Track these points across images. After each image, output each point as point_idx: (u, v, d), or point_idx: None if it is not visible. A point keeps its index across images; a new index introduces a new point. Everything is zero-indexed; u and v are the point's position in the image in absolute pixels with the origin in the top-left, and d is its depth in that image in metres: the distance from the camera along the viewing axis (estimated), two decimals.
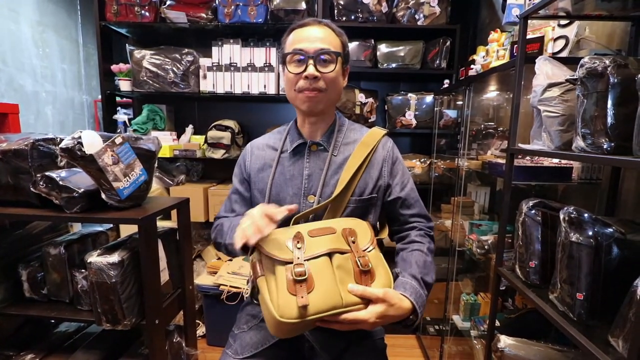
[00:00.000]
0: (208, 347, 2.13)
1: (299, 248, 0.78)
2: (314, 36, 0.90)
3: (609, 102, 0.78)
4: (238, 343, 0.97)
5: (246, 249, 0.80)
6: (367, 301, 0.77)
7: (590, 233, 0.82)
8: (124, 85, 2.22)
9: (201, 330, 2.19)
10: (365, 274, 0.80)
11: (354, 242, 0.83)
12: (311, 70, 0.88)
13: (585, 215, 0.85)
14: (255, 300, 0.86)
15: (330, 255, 0.79)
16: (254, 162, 1.03)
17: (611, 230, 0.82)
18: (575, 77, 0.86)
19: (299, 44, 0.90)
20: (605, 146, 0.79)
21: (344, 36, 0.96)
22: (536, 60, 1.06)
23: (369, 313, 0.76)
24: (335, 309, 0.74)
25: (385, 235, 1.02)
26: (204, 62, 2.17)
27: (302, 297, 0.71)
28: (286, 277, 0.74)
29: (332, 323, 0.76)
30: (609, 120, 0.78)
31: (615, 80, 0.77)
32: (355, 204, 0.94)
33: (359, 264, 0.80)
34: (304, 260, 0.76)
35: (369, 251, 0.84)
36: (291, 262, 0.75)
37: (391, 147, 1.02)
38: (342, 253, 0.80)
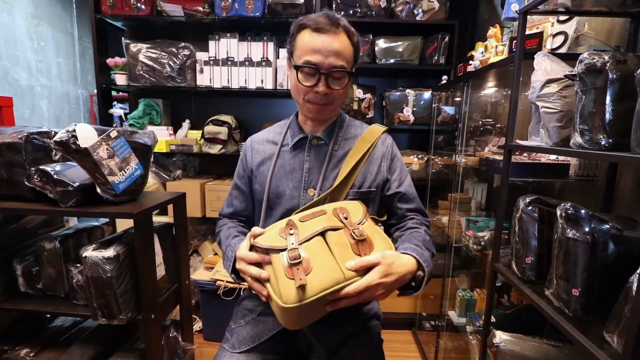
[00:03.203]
0: (205, 342, 2.13)
1: (291, 234, 0.78)
2: (328, 49, 0.86)
3: (608, 98, 0.77)
4: (235, 337, 0.97)
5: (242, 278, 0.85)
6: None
7: (587, 229, 0.82)
8: (120, 79, 2.20)
9: (198, 325, 2.19)
10: (362, 242, 0.78)
11: (346, 219, 0.83)
12: (322, 88, 0.88)
13: (582, 211, 0.85)
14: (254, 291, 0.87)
15: (323, 234, 0.79)
16: (255, 156, 1.03)
17: (607, 226, 0.82)
18: (574, 73, 0.86)
19: (313, 56, 0.86)
20: (603, 142, 0.79)
21: (356, 36, 0.92)
22: (535, 56, 1.06)
23: (372, 274, 0.73)
24: (338, 284, 0.72)
25: (384, 218, 1.02)
26: (201, 56, 2.15)
27: (299, 279, 0.70)
28: (282, 264, 0.74)
29: (341, 301, 0.73)
30: (607, 116, 0.77)
31: (614, 76, 0.76)
32: (353, 197, 0.94)
33: (354, 235, 0.79)
34: (298, 245, 0.76)
35: (362, 224, 0.84)
36: (285, 249, 0.75)
37: (390, 144, 1.03)
38: (335, 230, 0.80)
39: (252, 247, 0.81)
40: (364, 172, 0.96)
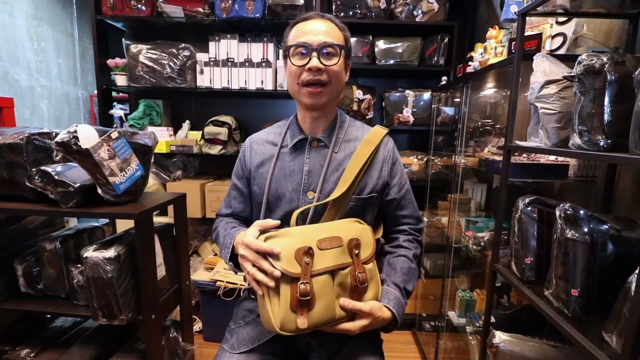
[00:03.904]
0: (205, 343, 2.14)
1: (307, 264, 0.78)
2: (317, 29, 0.90)
3: (606, 100, 0.78)
4: (235, 338, 0.97)
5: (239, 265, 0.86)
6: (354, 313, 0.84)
7: (586, 230, 0.82)
8: (120, 80, 2.20)
9: (198, 325, 2.19)
10: (360, 291, 0.85)
11: (357, 255, 0.85)
12: (315, 62, 0.88)
13: (581, 212, 0.86)
14: (253, 296, 0.87)
15: (333, 272, 0.82)
16: (254, 157, 1.03)
17: (606, 227, 0.82)
18: (572, 74, 0.86)
19: (303, 37, 0.90)
20: (601, 143, 0.79)
21: (346, 31, 0.96)
22: (534, 58, 1.06)
23: (355, 325, 0.83)
24: (328, 322, 0.81)
25: (380, 234, 1.03)
26: (201, 57, 2.15)
27: (302, 317, 0.77)
28: (291, 295, 0.77)
29: (323, 327, 0.82)
30: (606, 117, 0.78)
31: (612, 77, 0.77)
32: (355, 202, 0.94)
33: (357, 280, 0.83)
34: (310, 277, 0.78)
35: (367, 264, 0.87)
36: (298, 279, 0.77)
37: (392, 147, 1.02)
38: (344, 268, 0.83)
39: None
40: (365, 177, 0.96)
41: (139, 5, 2.08)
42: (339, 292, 0.83)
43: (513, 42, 1.22)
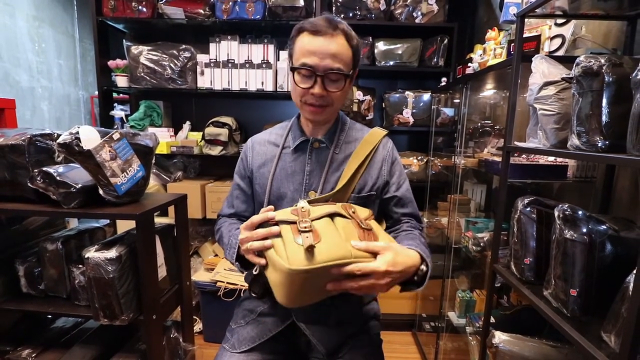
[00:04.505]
0: (205, 343, 2.14)
1: (303, 211, 0.77)
2: (325, 51, 0.85)
3: (604, 101, 0.78)
4: (235, 337, 0.97)
5: (246, 265, 0.87)
6: (374, 256, 0.75)
7: (584, 230, 0.83)
8: (121, 81, 2.21)
9: (198, 326, 2.19)
10: (368, 232, 0.79)
11: (354, 212, 0.84)
12: (317, 90, 0.88)
13: (580, 212, 0.86)
14: (254, 294, 0.87)
15: (332, 217, 0.79)
16: (256, 157, 1.03)
17: (605, 227, 0.83)
18: (571, 75, 0.87)
19: (309, 58, 0.86)
20: (599, 144, 0.80)
21: (357, 41, 0.91)
22: (533, 59, 1.07)
23: (379, 261, 0.72)
24: (346, 258, 0.71)
25: (383, 225, 1.02)
26: (202, 58, 2.16)
27: (309, 243, 0.69)
28: (292, 232, 0.73)
29: (344, 282, 0.72)
30: (604, 118, 0.78)
31: (610, 79, 0.77)
32: (354, 201, 0.95)
33: (361, 225, 0.79)
34: (310, 221, 0.75)
35: (368, 220, 0.85)
36: (295, 222, 0.75)
37: (391, 148, 1.03)
38: (343, 217, 0.80)
39: (260, 226, 0.79)
40: (364, 176, 0.96)
41: (140, 7, 2.09)
42: (347, 234, 0.76)
43: (512, 44, 1.23)
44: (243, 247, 0.80)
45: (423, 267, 0.80)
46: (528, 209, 1.06)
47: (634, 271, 0.68)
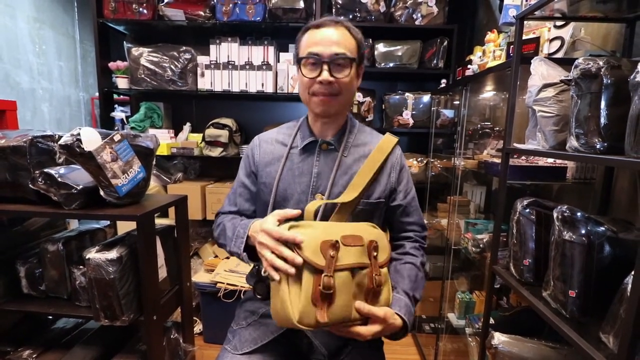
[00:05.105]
0: (205, 345, 2.14)
1: (332, 257, 0.77)
2: (329, 39, 0.89)
3: (602, 103, 0.79)
4: (237, 339, 0.97)
5: (253, 257, 0.87)
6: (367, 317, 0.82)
7: (583, 231, 0.83)
8: (122, 82, 2.21)
9: (198, 327, 2.20)
10: (375, 293, 0.83)
11: (375, 258, 0.84)
12: (325, 75, 0.88)
13: (578, 214, 0.87)
14: (259, 296, 0.87)
15: (353, 270, 0.80)
16: (262, 155, 1.02)
17: (603, 228, 0.83)
18: (569, 77, 0.87)
19: (314, 48, 0.89)
20: (598, 146, 0.80)
21: (360, 35, 0.94)
22: (532, 61, 1.08)
23: (368, 330, 0.81)
24: (343, 321, 0.79)
25: (388, 237, 1.03)
26: (202, 60, 2.17)
27: (321, 311, 0.75)
28: (313, 286, 0.75)
29: (332, 328, 0.80)
30: (602, 120, 0.79)
31: (609, 81, 0.78)
32: (363, 207, 0.94)
33: (374, 282, 0.82)
34: (334, 271, 0.76)
35: (383, 267, 0.87)
36: (322, 271, 0.75)
37: (400, 155, 1.03)
38: (363, 268, 0.82)
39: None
40: (374, 183, 0.96)
41: (141, 9, 2.09)
42: (356, 292, 0.81)
43: (511, 46, 1.24)
44: (260, 251, 0.80)
45: (401, 332, 0.88)
46: (527, 210, 1.06)
47: (632, 272, 0.68)
